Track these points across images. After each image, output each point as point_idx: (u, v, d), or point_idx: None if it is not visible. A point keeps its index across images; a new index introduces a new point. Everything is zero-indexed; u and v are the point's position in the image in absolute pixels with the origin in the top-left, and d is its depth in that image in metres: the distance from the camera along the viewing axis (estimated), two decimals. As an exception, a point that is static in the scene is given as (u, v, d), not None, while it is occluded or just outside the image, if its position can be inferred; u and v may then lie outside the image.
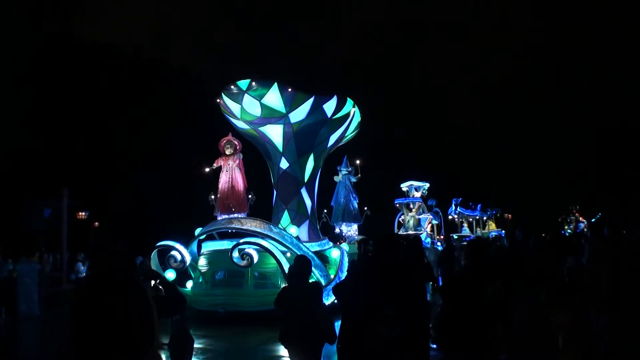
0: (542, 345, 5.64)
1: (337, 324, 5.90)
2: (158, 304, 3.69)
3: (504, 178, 55.87)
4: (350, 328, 5.47)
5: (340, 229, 20.78)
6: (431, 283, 12.90)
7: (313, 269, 14.28)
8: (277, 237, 14.33)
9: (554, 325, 5.91)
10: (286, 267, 13.57)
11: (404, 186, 31.13)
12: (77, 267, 23.46)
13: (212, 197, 16.44)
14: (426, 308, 6.75)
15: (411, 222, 29.75)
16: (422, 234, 28.83)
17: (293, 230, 15.72)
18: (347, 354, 5.52)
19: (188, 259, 14.56)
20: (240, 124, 17.31)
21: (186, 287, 14.87)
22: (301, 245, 14.72)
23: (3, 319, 15.33)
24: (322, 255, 15.91)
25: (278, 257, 13.52)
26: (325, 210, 21.42)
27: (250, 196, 16.56)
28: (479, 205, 39.19)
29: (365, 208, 22.04)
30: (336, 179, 21.75)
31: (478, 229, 39.35)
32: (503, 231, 38.56)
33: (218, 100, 16.66)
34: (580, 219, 46.51)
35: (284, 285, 7.91)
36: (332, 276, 14.92)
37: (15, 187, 33.53)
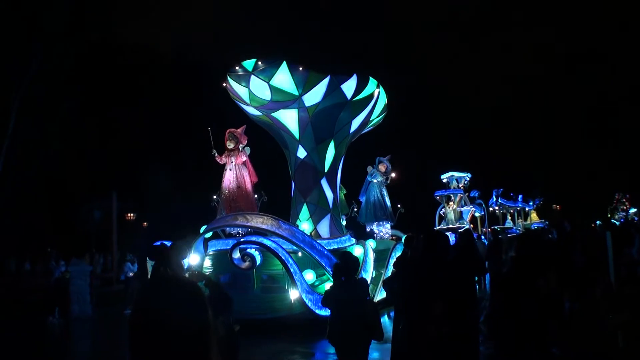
0: (600, 342, 5.02)
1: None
2: None
3: (549, 166, 51.27)
4: (401, 326, 5.31)
5: (371, 228, 17.46)
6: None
7: (329, 269, 11.46)
8: (285, 235, 11.44)
9: (613, 323, 5.10)
10: (292, 268, 10.73)
11: (444, 177, 27.99)
12: (126, 267, 21.70)
13: (215, 197, 13.65)
14: (476, 304, 6.05)
15: (451, 214, 26.52)
16: (464, 227, 25.54)
17: (306, 226, 12.80)
18: (400, 351, 5.35)
19: (187, 261, 11.84)
20: (252, 110, 14.35)
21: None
22: (314, 243, 11.74)
23: (57, 320, 14.36)
24: (342, 254, 12.98)
25: (283, 258, 10.66)
26: (355, 209, 18.20)
27: (256, 196, 13.46)
28: (520, 196, 35.42)
29: (399, 205, 18.58)
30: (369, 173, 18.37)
31: (520, 220, 35.57)
32: (546, 222, 34.79)
33: (224, 84, 13.86)
34: (627, 205, 41.82)
35: (330, 284, 6.73)
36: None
37: (66, 191, 32.39)
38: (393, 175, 17.51)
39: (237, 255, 10.91)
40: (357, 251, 12.97)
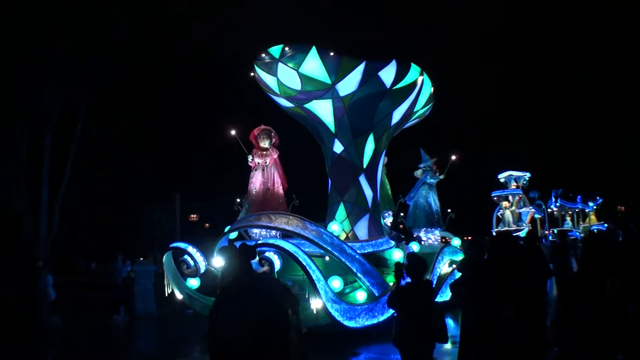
0: None
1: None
2: None
3: (611, 165, 46.51)
4: (469, 328, 5.07)
5: (418, 235, 15.11)
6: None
7: (360, 275, 9.47)
8: (311, 237, 9.51)
9: None
10: (315, 274, 8.79)
11: (502, 177, 25.28)
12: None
13: (239, 200, 11.89)
14: (544, 307, 5.88)
15: (508, 215, 23.78)
16: (523, 229, 22.78)
17: (335, 227, 10.83)
18: (467, 353, 5.11)
19: (203, 264, 10.19)
20: (284, 102, 12.52)
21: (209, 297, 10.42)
22: (344, 246, 9.73)
23: (122, 318, 14.10)
24: (378, 258, 10.89)
25: (303, 263, 8.75)
26: (402, 214, 15.79)
27: (281, 201, 11.55)
28: (579, 197, 31.80)
29: (449, 210, 16.02)
30: (416, 174, 15.66)
31: (579, 222, 31.91)
32: (605, 224, 31.02)
33: (252, 74, 12.13)
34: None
35: (396, 286, 6.04)
36: (391, 284, 9.91)
37: (132, 193, 32.09)
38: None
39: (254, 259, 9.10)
40: (397, 255, 10.88)
